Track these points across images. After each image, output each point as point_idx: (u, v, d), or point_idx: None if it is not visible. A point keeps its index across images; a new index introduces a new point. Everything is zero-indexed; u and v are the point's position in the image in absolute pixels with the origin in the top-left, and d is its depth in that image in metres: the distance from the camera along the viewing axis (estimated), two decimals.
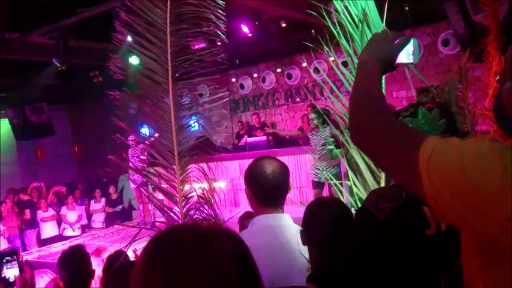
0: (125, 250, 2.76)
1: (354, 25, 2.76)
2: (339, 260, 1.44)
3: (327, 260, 1.51)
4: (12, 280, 1.49)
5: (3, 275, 1.46)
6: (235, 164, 8.69)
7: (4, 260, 1.47)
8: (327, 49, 3.20)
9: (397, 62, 1.15)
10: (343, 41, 2.85)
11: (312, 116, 6.63)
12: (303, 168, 7.92)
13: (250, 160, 7.42)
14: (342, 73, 3.15)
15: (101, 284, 2.70)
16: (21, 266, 1.50)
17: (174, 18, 2.79)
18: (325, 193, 6.96)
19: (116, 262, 2.60)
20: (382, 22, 2.81)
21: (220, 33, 2.86)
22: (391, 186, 1.51)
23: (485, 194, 0.78)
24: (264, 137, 9.22)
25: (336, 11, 2.80)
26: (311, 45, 3.37)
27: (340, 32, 2.84)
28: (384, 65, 1.12)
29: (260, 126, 10.26)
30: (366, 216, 1.38)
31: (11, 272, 1.47)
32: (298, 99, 11.34)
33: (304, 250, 1.70)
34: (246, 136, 10.06)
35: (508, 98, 0.93)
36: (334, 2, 2.79)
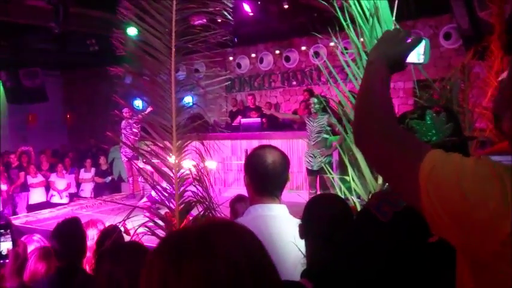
0: (122, 225, 2.76)
1: (364, 18, 2.72)
2: (337, 259, 1.45)
3: (324, 257, 1.52)
4: (5, 253, 1.47)
5: None
6: (228, 143, 8.68)
7: None
8: (331, 34, 3.15)
9: (407, 61, 1.13)
10: (352, 34, 2.82)
11: (314, 100, 6.59)
12: (295, 154, 7.93)
13: (243, 141, 7.43)
14: (344, 60, 3.12)
15: (94, 259, 2.71)
16: (15, 239, 1.49)
17: None
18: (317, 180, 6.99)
19: (110, 238, 2.61)
20: (392, 16, 2.78)
21: (226, 13, 2.82)
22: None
23: (481, 216, 0.78)
24: (258, 119, 9.19)
25: (347, 1, 2.76)
26: (316, 33, 3.31)
27: (350, 25, 2.81)
28: (393, 64, 1.09)
29: (255, 107, 10.21)
30: (368, 219, 1.38)
31: (4, 246, 1.46)
32: (294, 83, 11.28)
33: (301, 244, 1.71)
34: (240, 116, 10.02)
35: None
36: None
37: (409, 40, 1.11)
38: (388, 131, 0.97)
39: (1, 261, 1.45)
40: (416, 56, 1.14)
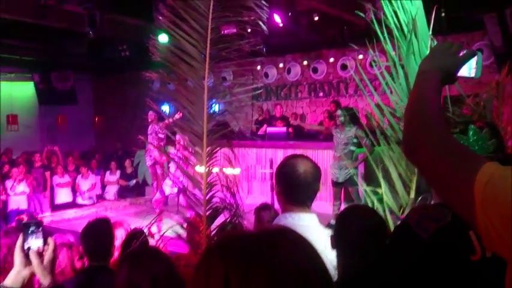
0: (146, 228, 2.79)
1: (401, 31, 2.71)
2: (371, 272, 1.43)
3: (356, 269, 1.50)
4: (36, 251, 1.49)
5: (27, 246, 1.46)
6: (253, 151, 8.68)
7: (29, 231, 1.47)
8: (367, 46, 3.13)
9: (458, 74, 1.12)
10: (389, 47, 2.80)
11: (339, 113, 6.56)
12: (320, 165, 7.84)
13: (268, 149, 7.43)
14: (380, 72, 3.10)
15: (118, 261, 2.74)
16: (45, 238, 1.50)
17: (217, 4, 2.78)
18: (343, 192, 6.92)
19: (135, 241, 2.64)
20: (429, 30, 2.76)
21: (261, 23, 2.84)
22: (434, 205, 1.48)
23: None
24: (284, 128, 9.17)
25: (384, 14, 2.75)
26: (347, 45, 3.30)
27: (386, 37, 2.80)
28: (445, 76, 1.08)
29: (281, 116, 10.21)
30: (407, 234, 1.35)
31: (35, 244, 1.47)
32: (321, 94, 11.24)
33: (331, 255, 1.69)
34: (265, 125, 10.04)
35: None
36: (383, 4, 2.73)
37: (462, 53, 1.09)
38: (441, 141, 0.95)
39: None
40: (468, 69, 1.12)
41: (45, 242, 1.48)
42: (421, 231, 1.30)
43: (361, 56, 9.20)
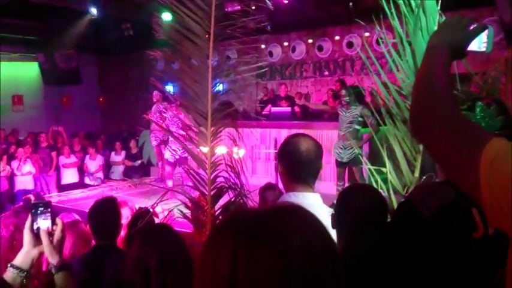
0: (150, 207, 2.80)
1: (409, 7, 2.65)
2: (372, 252, 1.43)
3: (356, 248, 1.50)
4: (45, 231, 1.50)
5: (36, 226, 1.47)
6: (257, 131, 8.66)
7: (38, 211, 1.48)
8: (374, 22, 3.08)
9: (468, 49, 1.10)
10: (396, 23, 2.75)
11: (344, 92, 6.51)
12: (324, 144, 7.85)
13: (273, 130, 7.41)
14: (387, 50, 3.05)
15: (125, 240, 2.76)
16: (53, 219, 1.51)
17: None
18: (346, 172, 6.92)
19: (142, 220, 2.65)
20: (437, 5, 2.70)
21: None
22: (438, 183, 1.47)
23: None
24: (289, 108, 9.12)
25: None
26: (353, 22, 3.24)
27: (394, 12, 2.74)
28: (455, 51, 1.06)
29: (285, 96, 10.14)
30: (410, 212, 1.35)
31: (44, 224, 1.48)
32: (326, 73, 11.14)
33: (332, 233, 1.69)
34: (269, 105, 9.98)
35: None
36: None
37: (472, 27, 1.07)
38: (449, 117, 0.94)
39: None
40: (478, 44, 1.10)
41: (53, 223, 1.49)
42: (424, 209, 1.30)
43: (367, 34, 9.08)
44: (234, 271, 0.68)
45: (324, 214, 1.84)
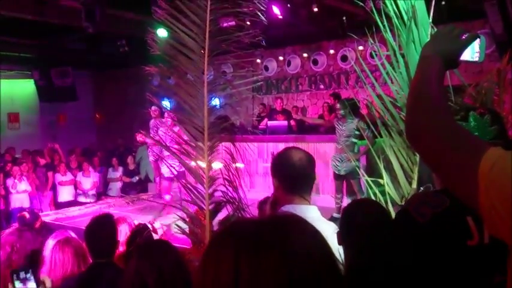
0: (149, 223, 2.79)
1: (401, 20, 2.69)
2: (375, 265, 1.42)
3: (362, 264, 1.50)
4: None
5: None
6: (254, 145, 8.65)
7: (20, 279, 1.33)
8: (368, 36, 3.11)
9: (461, 58, 1.11)
10: (389, 35, 2.79)
11: (339, 105, 6.55)
12: (321, 158, 7.87)
13: (270, 144, 7.39)
14: (381, 63, 3.08)
15: (123, 257, 2.74)
16: (38, 283, 1.37)
17: None
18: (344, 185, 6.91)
19: (140, 236, 2.64)
20: (429, 18, 2.73)
21: (260, 14, 2.82)
22: (434, 191, 1.48)
23: None
24: (285, 122, 9.15)
25: (384, 2, 2.73)
26: (347, 36, 3.27)
27: (386, 25, 2.77)
28: (447, 61, 1.07)
29: (282, 110, 10.18)
30: (405, 220, 1.36)
31: None
32: (322, 86, 11.21)
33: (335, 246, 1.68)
34: (266, 119, 10.01)
35: None
36: None
37: (464, 37, 1.08)
38: (444, 126, 0.94)
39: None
40: (471, 53, 1.11)
41: (38, 283, 1.37)
42: (418, 217, 1.31)
43: (361, 47, 9.16)
44: (237, 279, 0.67)
45: (322, 226, 1.83)
